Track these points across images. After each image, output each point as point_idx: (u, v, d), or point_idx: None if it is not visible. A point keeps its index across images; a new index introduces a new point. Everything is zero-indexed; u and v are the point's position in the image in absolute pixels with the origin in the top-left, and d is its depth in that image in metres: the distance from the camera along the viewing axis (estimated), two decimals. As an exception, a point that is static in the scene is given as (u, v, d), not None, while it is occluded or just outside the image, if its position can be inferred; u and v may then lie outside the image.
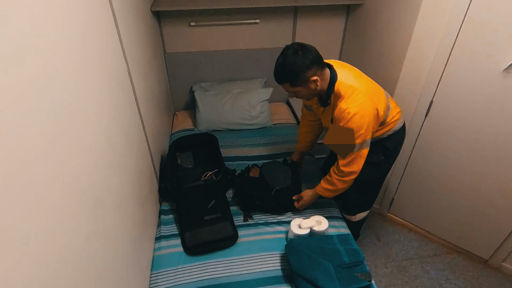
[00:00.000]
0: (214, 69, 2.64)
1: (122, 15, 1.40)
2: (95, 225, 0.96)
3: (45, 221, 0.70)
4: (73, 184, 0.84)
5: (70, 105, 0.85)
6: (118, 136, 1.24)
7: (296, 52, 1.38)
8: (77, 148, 0.88)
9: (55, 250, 0.73)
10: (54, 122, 0.76)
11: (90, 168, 0.96)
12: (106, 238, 1.04)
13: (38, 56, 0.72)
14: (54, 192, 0.74)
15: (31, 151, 0.66)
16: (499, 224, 2.00)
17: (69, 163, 0.83)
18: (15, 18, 0.65)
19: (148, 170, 1.72)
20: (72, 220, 0.82)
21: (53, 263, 0.71)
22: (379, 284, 2.09)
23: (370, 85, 1.52)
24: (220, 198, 1.84)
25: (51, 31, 0.79)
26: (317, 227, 1.64)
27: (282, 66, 1.42)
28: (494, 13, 1.55)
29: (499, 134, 1.77)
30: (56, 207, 0.74)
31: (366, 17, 2.28)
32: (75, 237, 0.83)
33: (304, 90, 1.48)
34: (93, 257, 0.93)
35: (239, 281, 1.51)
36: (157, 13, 2.30)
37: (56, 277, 0.72)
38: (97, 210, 0.99)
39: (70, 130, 0.85)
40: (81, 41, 0.96)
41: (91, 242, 0.92)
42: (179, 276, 1.54)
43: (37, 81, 0.71)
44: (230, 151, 2.30)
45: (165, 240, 1.72)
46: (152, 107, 1.91)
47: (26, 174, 0.64)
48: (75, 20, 0.94)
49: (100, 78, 1.09)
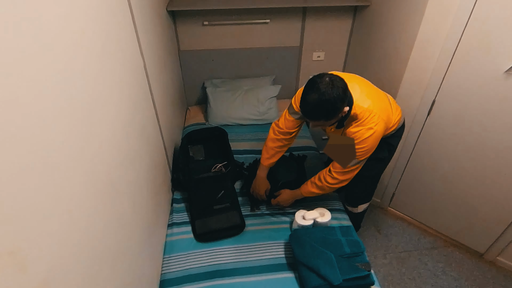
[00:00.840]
0: (226, 67, 2.63)
1: (140, 15, 1.41)
2: (112, 211, 0.98)
3: (67, 206, 0.71)
4: (92, 172, 0.85)
5: (90, 99, 0.86)
6: (134, 128, 1.25)
7: (332, 86, 1.23)
8: (96, 139, 0.89)
9: (76, 232, 0.74)
10: (76, 114, 0.77)
11: (108, 157, 0.97)
12: (122, 224, 1.06)
13: (63, 52, 0.73)
14: (75, 180, 0.75)
15: (55, 141, 0.68)
16: (495, 220, 1.99)
17: (89, 153, 0.84)
18: (44, 18, 0.66)
19: (161, 161, 1.73)
20: (91, 206, 0.83)
21: (73, 244, 0.73)
22: (378, 274, 2.09)
23: (381, 102, 1.47)
24: (228, 189, 1.85)
25: (75, 30, 0.80)
26: (320, 218, 1.64)
27: (321, 103, 1.25)
28: (497, 17, 1.52)
29: (499, 134, 1.74)
30: (77, 193, 0.76)
31: (373, 18, 2.26)
32: (94, 221, 0.84)
33: (334, 122, 1.41)
34: (110, 240, 0.95)
35: (245, 267, 1.53)
36: (172, 13, 2.30)
37: (76, 257, 0.74)
38: (114, 197, 1.00)
39: (91, 122, 0.86)
40: (102, 39, 0.97)
41: (108, 226, 0.94)
42: (190, 260, 1.56)
43: (61, 76, 0.72)
44: (239, 144, 2.30)
45: (177, 227, 1.73)
46: (166, 101, 1.92)
47: (50, 162, 0.65)
48: (97, 19, 0.94)
49: (118, 73, 1.10)
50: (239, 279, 1.47)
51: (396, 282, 2.06)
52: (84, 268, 0.77)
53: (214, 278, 1.48)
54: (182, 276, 1.49)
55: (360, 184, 1.87)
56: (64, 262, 0.68)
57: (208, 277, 1.48)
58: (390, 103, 1.59)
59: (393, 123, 1.58)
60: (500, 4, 1.49)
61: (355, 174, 1.56)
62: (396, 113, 1.60)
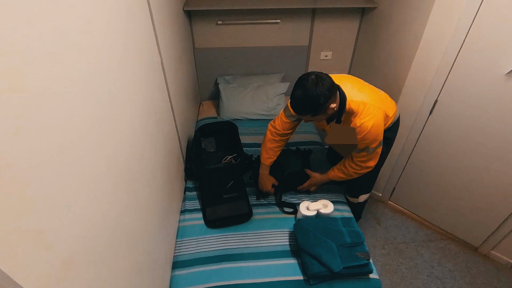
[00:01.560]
0: (237, 64, 2.63)
1: (158, 14, 1.41)
2: (130, 197, 0.99)
3: (89, 190, 0.73)
4: (113, 161, 0.86)
5: (112, 92, 0.88)
6: (151, 121, 1.26)
7: (316, 84, 1.26)
8: (117, 130, 0.90)
9: (97, 215, 0.76)
10: (99, 107, 0.79)
11: (127, 147, 0.98)
12: (139, 208, 1.07)
13: (88, 49, 0.74)
14: (97, 167, 0.77)
15: (80, 131, 0.69)
16: (490, 216, 1.96)
17: (110, 143, 0.85)
18: (72, 19, 0.67)
19: (176, 151, 1.74)
20: (111, 191, 0.85)
21: (94, 226, 0.75)
22: (376, 263, 2.09)
23: (374, 94, 1.50)
24: (237, 180, 1.86)
25: (99, 29, 0.81)
26: (323, 209, 1.64)
27: (304, 99, 1.29)
28: (500, 21, 1.48)
29: (498, 134, 1.71)
30: (98, 180, 0.77)
31: (379, 20, 2.22)
32: (113, 205, 0.86)
33: (322, 117, 1.41)
34: (128, 223, 0.96)
35: (251, 252, 1.54)
36: (188, 12, 2.30)
37: (97, 238, 0.76)
38: (132, 184, 1.01)
39: (112, 114, 0.87)
40: (123, 38, 0.98)
41: (126, 210, 0.95)
42: (200, 244, 1.58)
43: (86, 71, 0.73)
44: (248, 138, 2.31)
45: (188, 213, 1.76)
46: (181, 96, 1.93)
47: (75, 150, 0.67)
48: (119, 19, 0.95)
49: (137, 69, 1.11)
50: (245, 264, 1.49)
51: (394, 271, 2.06)
52: (103, 248, 0.79)
53: (222, 262, 1.50)
54: (193, 258, 1.52)
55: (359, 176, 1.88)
56: (85, 242, 0.70)
57: (216, 260, 1.50)
58: (385, 96, 1.59)
59: (390, 115, 1.57)
60: (502, 10, 1.46)
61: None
62: (391, 106, 1.59)
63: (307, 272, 1.41)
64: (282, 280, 1.43)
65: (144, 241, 1.12)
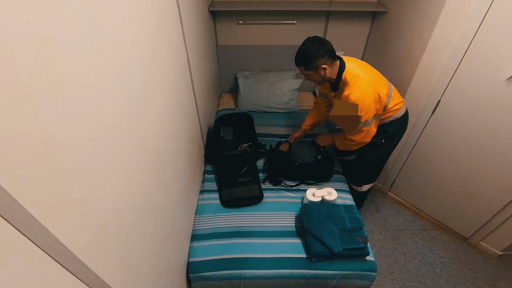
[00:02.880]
0: (255, 61, 2.62)
1: (186, 14, 1.42)
2: (157, 176, 1.02)
3: (123, 169, 0.76)
4: (142, 145, 0.89)
5: (143, 84, 0.89)
6: (176, 110, 1.28)
7: (313, 43, 1.40)
8: (147, 117, 0.92)
9: (128, 190, 0.79)
10: (131, 97, 0.81)
11: (155, 133, 1.00)
12: (164, 187, 1.10)
13: (123, 46, 0.76)
14: (129, 149, 0.79)
15: (116, 117, 0.71)
16: (482, 210, 1.92)
17: (141, 128, 0.87)
18: (110, 19, 0.68)
19: (197, 138, 1.76)
20: (140, 170, 0.87)
21: (126, 199, 0.78)
22: (373, 247, 2.09)
23: (373, 74, 1.49)
24: (251, 166, 1.88)
25: (133, 28, 0.82)
26: (327, 196, 1.65)
27: (300, 52, 1.44)
28: (503, 30, 1.42)
29: (497, 135, 1.65)
30: (130, 160, 0.80)
31: (389, 23, 2.16)
32: (142, 184, 0.89)
33: (314, 75, 1.48)
34: (154, 199, 0.99)
35: (261, 231, 1.57)
36: (213, 13, 2.30)
37: (128, 210, 0.79)
38: (158, 165, 1.04)
39: (143, 103, 0.89)
40: (154, 34, 0.99)
41: (153, 188, 0.98)
42: (216, 221, 1.62)
43: (123, 64, 0.75)
44: (262, 128, 2.31)
45: (207, 193, 1.79)
46: (204, 89, 1.94)
47: (112, 134, 0.69)
48: (151, 18, 0.96)
49: (166, 63, 1.12)
50: (255, 240, 1.52)
51: (389, 255, 2.06)
52: (133, 219, 0.82)
53: (234, 237, 1.53)
54: (209, 233, 1.56)
55: (362, 166, 1.88)
56: (118, 213, 0.74)
57: (230, 236, 1.54)
58: (390, 86, 1.56)
59: (390, 105, 1.55)
60: (505, 20, 1.41)
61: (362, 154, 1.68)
62: (394, 100, 1.56)
63: (310, 251, 1.43)
64: (287, 257, 1.45)
65: (167, 215, 1.15)
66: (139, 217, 0.87)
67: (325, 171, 1.85)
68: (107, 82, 0.68)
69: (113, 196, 0.71)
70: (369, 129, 1.50)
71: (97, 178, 0.63)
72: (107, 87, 0.68)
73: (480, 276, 1.93)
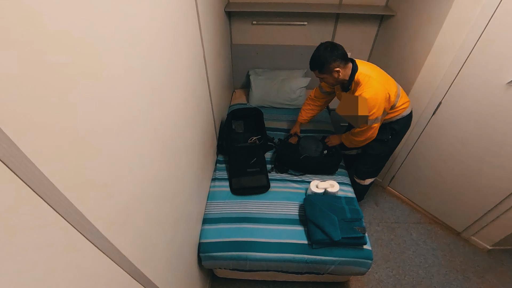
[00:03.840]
0: (267, 59, 2.59)
1: (204, 14, 1.41)
2: (173, 164, 1.03)
3: (142, 156, 0.77)
4: (161, 135, 0.90)
5: (163, 79, 0.90)
6: (192, 103, 1.28)
7: (326, 48, 1.40)
8: (164, 109, 0.93)
9: (147, 175, 0.81)
10: (151, 90, 0.81)
11: (172, 124, 1.01)
12: (179, 174, 1.11)
13: (146, 41, 0.77)
14: (148, 138, 0.80)
15: (137, 109, 0.72)
16: (475, 207, 1.89)
17: (159, 119, 0.88)
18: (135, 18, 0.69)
19: (210, 130, 1.77)
20: (158, 158, 0.89)
21: (145, 184, 0.79)
22: (370, 237, 2.09)
23: (383, 75, 1.49)
24: (260, 157, 1.88)
25: (156, 25, 0.83)
26: (330, 188, 1.64)
27: (314, 58, 1.44)
28: (505, 37, 1.38)
29: (495, 137, 1.61)
30: (148, 148, 0.81)
31: (396, 27, 2.10)
32: (160, 170, 0.90)
33: (329, 78, 1.48)
34: (170, 185, 1.01)
35: (266, 218, 1.58)
36: (228, 13, 2.28)
37: (147, 193, 0.81)
38: (174, 154, 1.05)
39: (161, 96, 0.89)
40: (174, 32, 0.99)
41: (169, 174, 1.00)
42: (226, 207, 1.64)
43: (145, 60, 0.76)
44: (271, 123, 2.31)
45: (218, 181, 1.81)
46: (218, 84, 1.93)
47: (133, 123, 0.71)
48: (172, 18, 0.96)
49: (184, 60, 1.12)
50: (261, 226, 1.53)
51: (385, 245, 2.05)
52: (151, 201, 0.84)
53: (242, 222, 1.55)
54: (219, 217, 1.58)
55: (367, 161, 1.86)
56: (139, 195, 0.75)
57: (238, 221, 1.56)
58: (398, 87, 1.55)
59: (398, 104, 1.54)
60: (507, 27, 1.36)
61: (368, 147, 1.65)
62: (401, 99, 1.55)
63: (311, 238, 1.44)
64: (289, 242, 1.46)
65: (182, 200, 1.17)
66: (157, 201, 0.88)
67: (328, 166, 1.84)
68: (132, 76, 0.69)
69: (134, 180, 0.72)
70: (378, 125, 1.50)
71: (119, 164, 0.65)
72: (132, 80, 0.69)
73: (469, 268, 1.91)
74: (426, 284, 1.82)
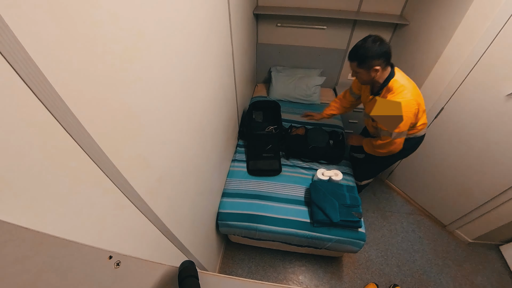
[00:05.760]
0: (288, 58, 2.53)
1: (234, 16, 1.39)
2: (200, 145, 1.05)
3: (175, 136, 0.79)
4: (191, 118, 0.91)
5: (195, 71, 0.90)
6: (219, 93, 1.28)
7: (375, 42, 1.11)
8: (196, 98, 0.94)
9: (178, 152, 0.83)
10: (185, 79, 0.82)
11: (201, 110, 1.02)
12: (205, 153, 1.13)
13: (184, 38, 0.77)
14: (181, 121, 0.82)
15: (173, 94, 0.74)
16: (463, 204, 1.82)
17: (190, 105, 0.89)
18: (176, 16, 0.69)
19: (234, 117, 1.77)
20: (188, 139, 0.91)
21: (176, 158, 0.82)
22: (365, 222, 2.06)
23: (416, 89, 1.24)
24: (275, 144, 1.87)
25: (192, 25, 0.83)
26: (334, 177, 1.63)
27: (358, 48, 1.15)
28: (509, 51, 1.27)
29: (491, 144, 1.51)
30: (181, 129, 0.83)
31: (408, 35, 1.97)
32: (189, 148, 0.92)
33: (365, 74, 1.20)
34: (197, 161, 1.03)
35: (276, 197, 1.59)
36: (256, 15, 2.22)
37: (177, 167, 0.83)
38: (202, 136, 1.06)
39: (193, 85, 0.90)
40: (208, 30, 0.99)
41: (197, 153, 1.02)
42: (242, 185, 1.66)
43: (181, 52, 0.76)
44: (287, 115, 2.27)
45: (237, 162, 1.82)
46: (243, 77, 1.92)
47: (169, 107, 0.72)
48: (207, 18, 0.95)
49: (215, 55, 1.11)
50: (271, 203, 1.55)
51: (377, 229, 2.02)
52: (181, 174, 0.87)
53: (255, 199, 1.57)
54: (236, 193, 1.61)
55: (367, 167, 1.76)
56: (171, 168, 0.78)
57: (251, 197, 1.58)
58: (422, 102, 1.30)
59: (418, 124, 1.33)
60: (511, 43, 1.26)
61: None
62: (422, 119, 1.34)
63: (313, 218, 1.44)
64: (294, 219, 1.47)
65: (206, 175, 1.19)
66: (185, 174, 0.91)
67: (334, 157, 1.81)
68: (170, 67, 0.69)
69: (167, 155, 0.75)
70: (401, 140, 1.27)
71: (157, 140, 0.67)
72: (170, 71, 0.70)
73: (450, 256, 1.87)
74: (409, 266, 1.80)
